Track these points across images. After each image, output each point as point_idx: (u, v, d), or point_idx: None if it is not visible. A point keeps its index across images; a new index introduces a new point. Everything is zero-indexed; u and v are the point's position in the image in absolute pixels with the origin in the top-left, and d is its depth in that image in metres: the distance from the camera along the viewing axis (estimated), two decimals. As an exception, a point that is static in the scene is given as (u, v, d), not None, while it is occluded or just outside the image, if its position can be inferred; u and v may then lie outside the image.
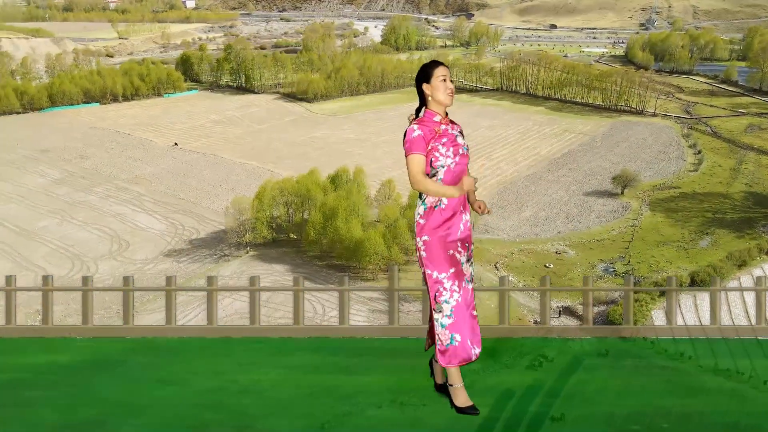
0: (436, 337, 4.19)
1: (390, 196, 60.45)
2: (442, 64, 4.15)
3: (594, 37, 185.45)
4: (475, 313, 4.23)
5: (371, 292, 49.65)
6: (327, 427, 4.50)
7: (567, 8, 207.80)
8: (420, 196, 4.15)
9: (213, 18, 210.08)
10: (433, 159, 4.02)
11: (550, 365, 5.47)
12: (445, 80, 4.07)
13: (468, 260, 4.21)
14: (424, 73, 4.11)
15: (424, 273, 4.18)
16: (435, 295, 4.14)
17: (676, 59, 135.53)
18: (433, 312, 4.18)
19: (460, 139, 4.10)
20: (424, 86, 4.10)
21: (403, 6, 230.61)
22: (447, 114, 4.13)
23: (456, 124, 4.16)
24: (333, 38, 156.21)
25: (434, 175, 4.03)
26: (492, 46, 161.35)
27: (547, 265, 55.93)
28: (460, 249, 4.14)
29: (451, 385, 4.33)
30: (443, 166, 4.02)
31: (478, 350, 4.20)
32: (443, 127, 4.06)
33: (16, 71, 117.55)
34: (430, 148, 4.00)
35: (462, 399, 4.33)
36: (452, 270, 4.10)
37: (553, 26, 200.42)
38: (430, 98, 4.10)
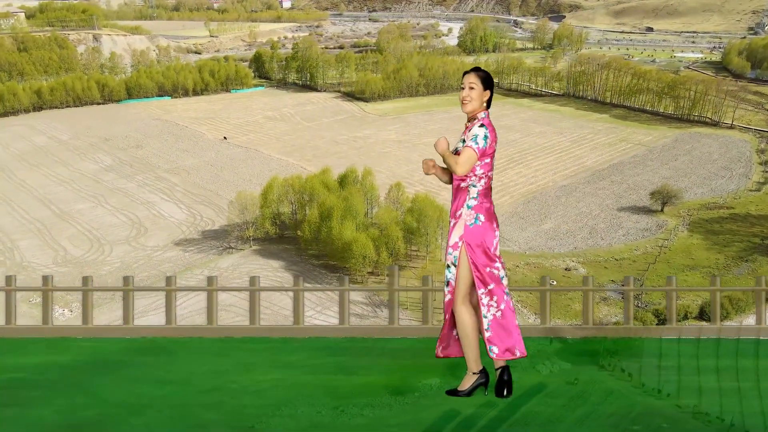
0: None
1: (397, 199, 59.21)
2: (467, 72, 4.34)
3: (693, 41, 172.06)
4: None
5: (354, 295, 48.85)
6: (326, 426, 4.51)
7: (667, 10, 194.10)
8: None
9: (302, 18, 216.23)
10: None
11: (548, 366, 5.45)
12: (463, 88, 4.24)
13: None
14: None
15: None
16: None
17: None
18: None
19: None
20: None
21: (493, 7, 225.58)
22: (469, 119, 4.29)
23: (471, 122, 4.25)
24: (409, 39, 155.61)
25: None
26: (574, 49, 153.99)
27: (551, 282, 52.34)
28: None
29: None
30: None
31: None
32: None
33: (105, 65, 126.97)
34: None
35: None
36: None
37: (650, 29, 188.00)
38: None
